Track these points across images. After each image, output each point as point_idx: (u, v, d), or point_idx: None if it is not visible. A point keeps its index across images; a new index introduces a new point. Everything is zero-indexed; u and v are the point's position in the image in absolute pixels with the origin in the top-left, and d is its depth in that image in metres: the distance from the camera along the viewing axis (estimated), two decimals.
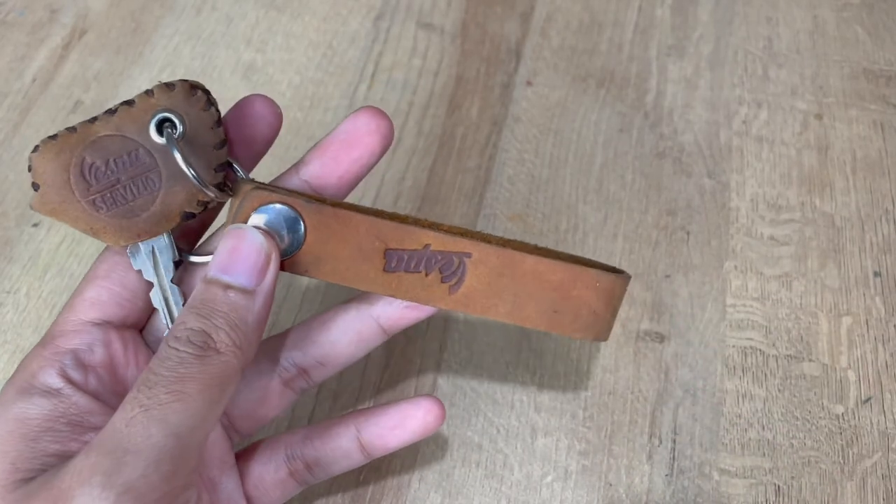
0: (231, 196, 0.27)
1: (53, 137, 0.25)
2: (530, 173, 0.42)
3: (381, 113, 0.28)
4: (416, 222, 0.28)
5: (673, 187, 0.41)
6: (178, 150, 0.25)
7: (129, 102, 0.25)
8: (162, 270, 0.26)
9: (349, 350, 0.30)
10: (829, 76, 0.45)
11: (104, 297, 0.26)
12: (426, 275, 0.27)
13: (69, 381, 0.25)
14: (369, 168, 0.28)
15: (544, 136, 0.43)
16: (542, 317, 0.28)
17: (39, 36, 0.46)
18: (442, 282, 0.28)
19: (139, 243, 0.26)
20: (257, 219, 0.26)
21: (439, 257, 0.27)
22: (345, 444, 0.30)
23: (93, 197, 0.25)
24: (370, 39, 0.46)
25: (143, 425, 0.22)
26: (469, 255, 0.27)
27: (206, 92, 0.26)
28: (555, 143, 0.43)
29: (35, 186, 0.25)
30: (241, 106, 0.28)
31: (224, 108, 0.44)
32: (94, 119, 0.25)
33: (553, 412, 0.35)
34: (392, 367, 0.36)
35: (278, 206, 0.26)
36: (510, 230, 0.40)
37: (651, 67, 0.46)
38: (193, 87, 0.26)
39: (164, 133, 0.25)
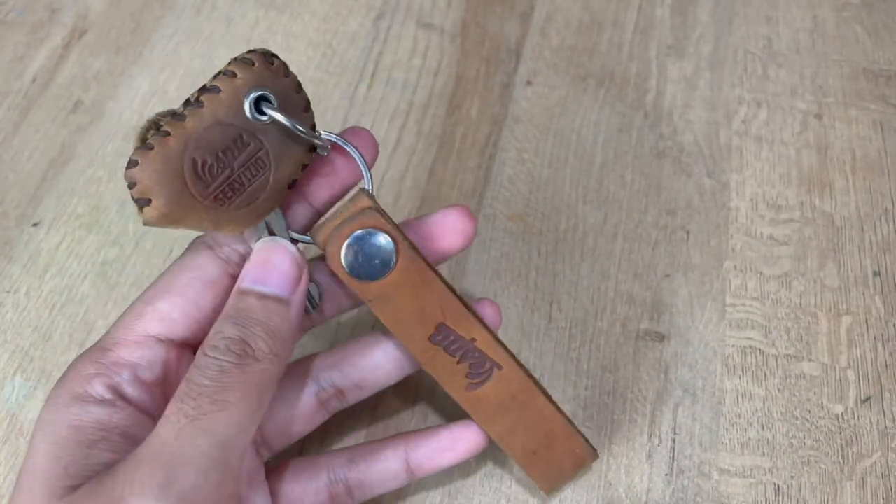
0: (321, 154, 0.27)
1: (148, 147, 0.24)
2: (530, 173, 0.42)
3: (469, 215, 0.29)
4: (477, 317, 0.29)
5: (673, 187, 0.41)
6: (288, 120, 0.25)
7: (211, 89, 0.24)
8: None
9: (387, 374, 0.30)
10: (828, 76, 0.45)
11: (175, 315, 0.26)
12: (457, 362, 0.29)
13: (122, 396, 0.25)
14: (444, 260, 0.30)
15: (544, 135, 0.43)
16: (523, 452, 0.31)
17: (39, 36, 0.46)
18: (466, 376, 0.29)
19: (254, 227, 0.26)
20: (359, 235, 0.27)
21: (477, 355, 0.29)
22: (393, 466, 0.30)
23: (214, 194, 0.25)
24: (370, 39, 0.46)
25: (191, 436, 0.22)
26: (500, 368, 0.29)
27: (281, 60, 0.25)
28: (555, 142, 0.43)
29: (144, 202, 0.24)
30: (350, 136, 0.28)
31: None
32: (182, 116, 0.24)
33: None
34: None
35: (384, 234, 0.27)
36: (510, 230, 0.40)
37: (651, 67, 0.46)
38: (269, 57, 0.25)
39: (264, 108, 0.25)
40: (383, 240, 0.27)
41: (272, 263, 0.26)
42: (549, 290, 0.38)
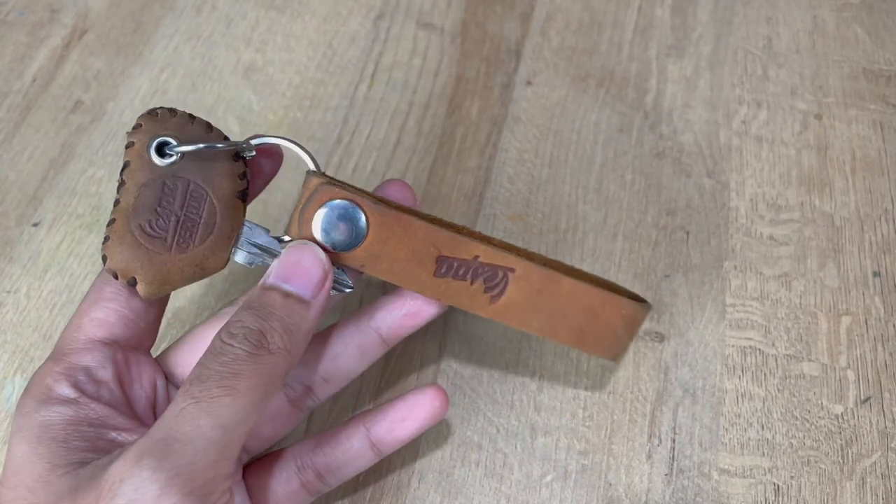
0: (246, 156, 0.28)
1: (106, 240, 0.27)
2: (530, 173, 0.42)
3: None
4: (470, 234, 0.29)
5: (672, 187, 0.41)
6: (190, 141, 0.27)
7: (125, 166, 0.27)
8: (270, 248, 0.28)
9: (351, 364, 0.31)
10: (828, 76, 0.45)
11: (112, 319, 0.27)
12: (471, 283, 0.29)
13: (83, 392, 0.26)
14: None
15: (544, 136, 0.43)
16: (571, 335, 0.30)
17: (40, 36, 0.46)
18: (485, 292, 0.29)
19: (236, 248, 0.27)
20: (323, 212, 0.28)
21: (486, 269, 0.29)
22: (356, 445, 0.30)
23: (174, 241, 0.27)
24: (370, 39, 0.46)
25: (192, 416, 0.23)
26: (513, 271, 0.29)
27: (164, 108, 0.27)
28: (555, 143, 0.43)
29: (132, 282, 0.27)
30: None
31: (224, 107, 0.44)
32: (118, 201, 0.27)
33: (553, 412, 0.35)
34: (392, 368, 0.36)
35: (344, 202, 0.28)
36: (510, 230, 0.40)
37: (651, 67, 0.46)
38: (151, 112, 0.27)
39: (167, 150, 0.27)
40: (347, 207, 0.28)
41: (300, 264, 0.27)
42: None
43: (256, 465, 0.30)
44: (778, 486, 0.33)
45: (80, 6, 0.47)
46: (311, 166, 0.28)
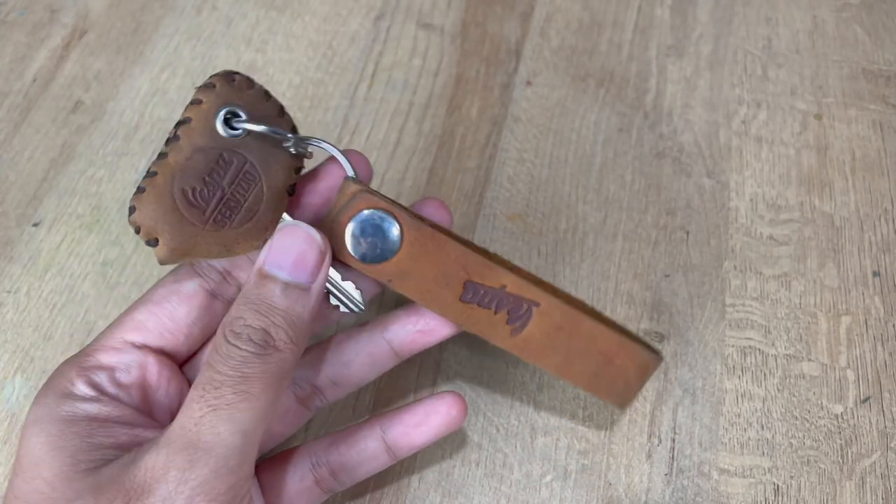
0: (306, 156, 0.27)
1: (140, 190, 0.25)
2: (530, 173, 0.42)
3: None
4: (501, 262, 0.29)
5: (672, 187, 0.41)
6: (260, 125, 0.25)
7: (184, 121, 0.25)
8: None
9: (362, 371, 0.30)
10: (828, 76, 0.45)
11: (150, 324, 0.27)
12: (495, 313, 0.29)
13: (104, 393, 0.26)
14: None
15: (544, 136, 0.43)
16: (584, 377, 0.30)
17: (40, 36, 0.46)
18: (507, 323, 0.29)
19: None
20: (358, 220, 0.27)
21: (511, 300, 0.28)
22: (371, 447, 0.30)
23: (212, 217, 0.25)
24: (370, 39, 0.46)
25: (211, 424, 0.23)
26: (537, 305, 0.29)
27: (243, 75, 0.26)
28: (555, 143, 0.43)
29: (153, 242, 0.25)
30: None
31: None
32: (164, 154, 0.25)
33: (552, 411, 0.35)
34: (392, 367, 0.36)
35: (381, 212, 0.27)
36: (510, 230, 0.40)
37: (651, 67, 0.46)
38: (229, 75, 0.26)
39: (235, 123, 0.25)
40: (383, 218, 0.27)
41: (295, 249, 0.25)
42: None
43: (269, 462, 0.30)
44: (778, 485, 0.33)
45: (80, 6, 0.47)
46: (350, 172, 0.28)
